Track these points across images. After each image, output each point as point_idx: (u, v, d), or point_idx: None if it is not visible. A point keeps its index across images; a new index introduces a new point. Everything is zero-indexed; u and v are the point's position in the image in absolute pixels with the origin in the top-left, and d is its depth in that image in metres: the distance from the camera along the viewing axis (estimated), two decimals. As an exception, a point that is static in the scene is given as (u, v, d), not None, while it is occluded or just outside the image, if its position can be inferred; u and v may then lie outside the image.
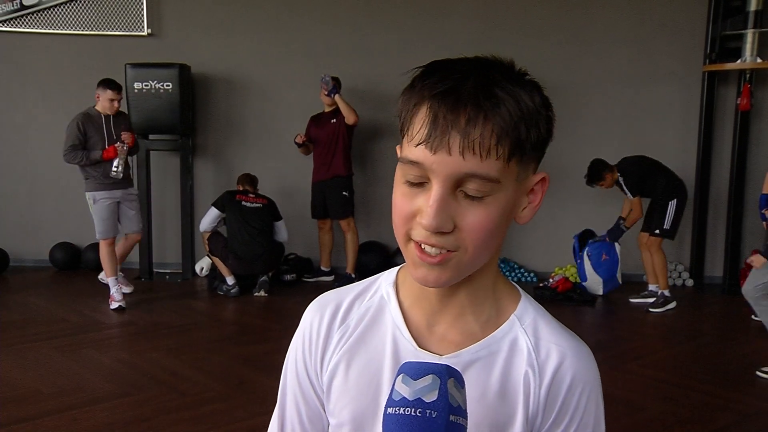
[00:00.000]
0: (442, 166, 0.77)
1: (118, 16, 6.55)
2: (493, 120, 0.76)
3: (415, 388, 0.72)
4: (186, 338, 4.75)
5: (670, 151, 6.40)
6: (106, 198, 5.37)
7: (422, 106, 0.79)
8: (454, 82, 0.77)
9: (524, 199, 0.85)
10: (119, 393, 3.65)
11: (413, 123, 0.80)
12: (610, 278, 5.88)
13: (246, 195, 5.91)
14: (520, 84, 0.79)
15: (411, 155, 0.79)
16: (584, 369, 0.89)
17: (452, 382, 0.73)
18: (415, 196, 0.80)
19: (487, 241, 0.81)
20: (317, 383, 0.96)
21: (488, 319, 0.91)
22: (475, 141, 0.76)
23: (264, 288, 5.81)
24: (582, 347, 0.91)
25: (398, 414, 0.71)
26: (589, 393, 0.89)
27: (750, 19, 5.92)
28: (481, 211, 0.79)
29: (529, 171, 0.83)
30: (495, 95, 0.77)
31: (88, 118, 5.34)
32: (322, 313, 0.97)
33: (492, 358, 0.89)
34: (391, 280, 0.96)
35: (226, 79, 6.60)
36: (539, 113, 0.80)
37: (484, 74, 0.78)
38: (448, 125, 0.76)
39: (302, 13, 6.49)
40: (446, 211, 0.78)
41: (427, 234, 0.79)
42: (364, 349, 0.92)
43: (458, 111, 0.76)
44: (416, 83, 0.81)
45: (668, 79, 6.30)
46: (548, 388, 0.87)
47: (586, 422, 0.89)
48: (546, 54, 6.20)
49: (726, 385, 3.92)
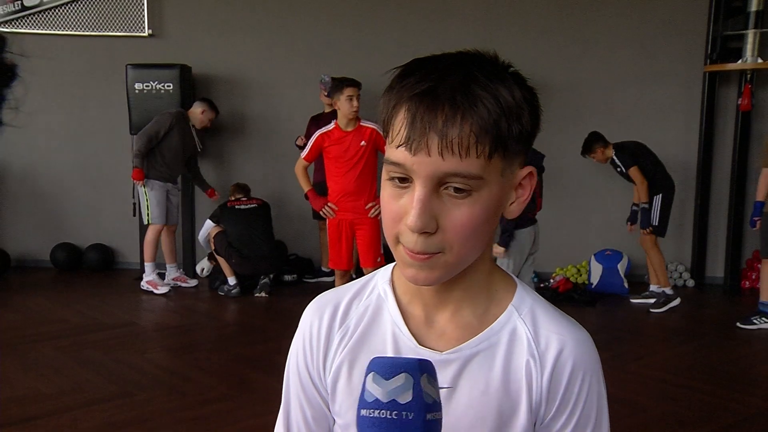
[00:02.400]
0: (422, 167, 0.77)
1: (119, 17, 6.55)
2: (471, 118, 0.76)
3: (388, 389, 0.69)
4: (187, 338, 4.75)
5: (672, 150, 6.40)
6: (161, 187, 5.81)
7: (401, 107, 0.79)
8: (432, 82, 0.77)
9: (512, 194, 0.85)
10: (120, 393, 3.64)
11: (393, 124, 0.80)
12: None
13: (239, 200, 5.94)
14: (501, 79, 0.79)
15: (392, 156, 0.80)
16: (585, 355, 0.89)
17: (425, 377, 0.71)
18: (401, 197, 0.81)
19: (472, 238, 0.82)
20: (320, 384, 0.97)
21: (486, 311, 0.91)
22: (454, 141, 0.76)
23: (264, 289, 5.82)
24: (581, 333, 0.91)
25: (373, 417, 0.69)
26: (591, 378, 0.89)
27: (751, 19, 5.92)
28: (465, 209, 0.79)
29: (514, 165, 0.83)
30: (472, 93, 0.77)
31: (179, 119, 5.80)
32: (321, 315, 0.97)
33: (492, 350, 0.89)
34: (387, 278, 0.96)
35: (227, 80, 6.60)
36: (521, 107, 0.79)
37: (462, 72, 0.78)
38: (425, 126, 0.76)
39: (303, 13, 6.49)
40: (430, 211, 0.79)
41: (413, 241, 0.80)
42: (366, 349, 0.93)
43: (435, 111, 0.76)
44: (395, 84, 0.81)
45: (669, 79, 6.29)
46: (550, 377, 0.88)
47: (590, 407, 0.89)
48: (547, 54, 6.20)
49: (727, 386, 3.91)
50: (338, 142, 4.51)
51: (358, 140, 4.49)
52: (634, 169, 5.35)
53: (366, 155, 4.50)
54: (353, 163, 4.49)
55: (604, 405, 0.91)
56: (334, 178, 4.58)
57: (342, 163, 4.51)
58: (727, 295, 6.14)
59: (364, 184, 4.55)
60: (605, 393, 0.91)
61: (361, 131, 4.51)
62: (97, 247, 6.68)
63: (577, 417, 0.88)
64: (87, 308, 5.36)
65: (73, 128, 6.61)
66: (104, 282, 6.25)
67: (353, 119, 4.50)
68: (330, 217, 4.60)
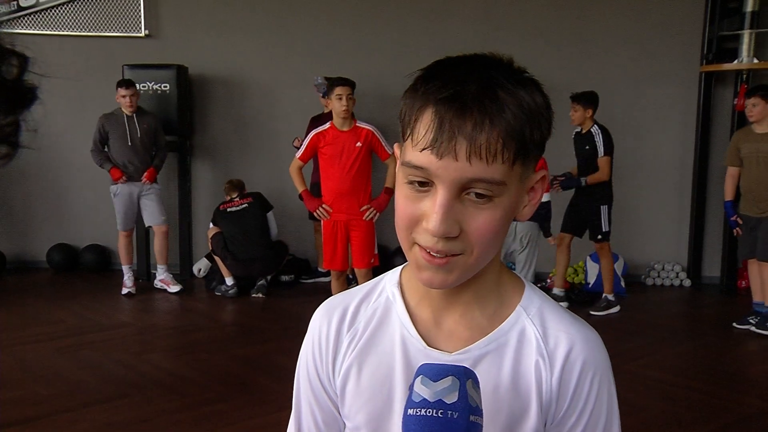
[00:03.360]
0: (448, 172, 0.77)
1: (115, 17, 6.54)
2: (499, 124, 0.76)
3: (436, 390, 0.73)
4: (184, 339, 4.74)
5: (668, 150, 6.43)
6: (124, 193, 5.72)
7: (426, 110, 0.79)
8: (458, 86, 0.77)
9: (525, 198, 0.86)
10: (118, 394, 3.64)
11: (417, 127, 0.79)
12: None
13: (230, 202, 5.94)
14: (521, 83, 0.80)
15: (415, 160, 0.79)
16: (594, 354, 0.89)
17: (470, 383, 0.74)
18: (420, 200, 0.80)
19: (492, 242, 0.82)
20: (330, 388, 0.97)
21: (494, 312, 0.91)
22: (482, 146, 0.76)
23: (261, 290, 5.81)
24: (590, 332, 0.91)
25: (419, 415, 0.72)
26: (601, 377, 0.89)
27: (747, 19, 5.95)
28: (487, 214, 0.79)
29: (530, 170, 0.84)
30: (499, 98, 0.77)
31: (109, 117, 5.69)
32: (330, 318, 0.97)
33: (501, 350, 0.89)
34: (395, 281, 0.96)
35: (224, 80, 6.59)
36: (541, 113, 0.80)
37: (486, 76, 0.78)
38: (454, 130, 0.76)
39: (301, 13, 6.49)
40: (452, 216, 0.78)
41: (434, 240, 0.80)
42: (374, 352, 0.93)
43: (464, 116, 0.76)
44: (419, 86, 0.81)
45: (666, 80, 6.31)
46: (560, 376, 0.88)
47: (600, 406, 0.89)
48: (545, 55, 6.20)
49: (724, 385, 3.93)
50: (333, 142, 4.51)
51: (354, 141, 4.49)
52: (607, 159, 5.19)
53: (361, 156, 4.50)
54: (349, 164, 4.49)
55: (615, 403, 0.91)
56: (329, 178, 4.58)
57: (337, 163, 4.51)
58: (724, 295, 6.16)
59: (359, 185, 4.54)
60: (615, 391, 0.91)
61: (356, 132, 4.51)
62: (94, 248, 6.66)
63: (588, 416, 0.88)
64: (84, 309, 5.34)
65: (69, 129, 6.59)
66: (101, 283, 6.23)
67: (347, 119, 4.50)
68: (324, 218, 4.61)
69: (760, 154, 4.89)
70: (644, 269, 6.44)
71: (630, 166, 6.19)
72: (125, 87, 5.62)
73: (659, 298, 6.07)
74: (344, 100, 4.42)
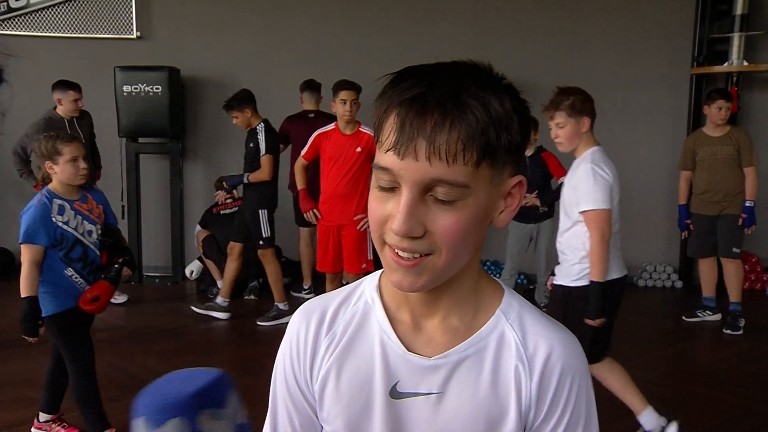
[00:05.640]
0: (410, 172, 0.78)
1: (107, 19, 6.52)
2: (459, 126, 0.77)
3: None
4: (176, 342, 4.73)
5: (659, 152, 6.45)
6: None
7: (391, 112, 0.80)
8: (423, 89, 0.78)
9: (501, 203, 0.86)
10: (109, 397, 3.60)
11: (383, 129, 0.81)
12: None
13: (224, 204, 5.93)
14: (492, 89, 0.80)
15: (381, 161, 0.81)
16: (573, 358, 0.90)
17: (207, 414, 0.60)
18: (387, 201, 0.82)
19: (460, 244, 0.82)
20: (307, 391, 0.97)
21: (474, 317, 0.91)
22: (441, 146, 0.76)
23: (254, 293, 5.80)
24: (568, 337, 0.92)
25: None
26: (579, 382, 0.90)
27: (736, 22, 5.98)
28: (451, 215, 0.80)
29: (504, 175, 0.84)
30: (463, 101, 0.77)
31: (50, 123, 5.11)
32: (308, 321, 0.97)
33: (480, 355, 0.89)
34: (374, 285, 0.96)
35: (216, 82, 6.58)
36: (510, 118, 0.80)
37: (454, 81, 0.79)
38: (414, 131, 0.77)
39: (292, 15, 6.49)
40: (415, 216, 0.79)
41: (399, 238, 0.80)
42: (353, 356, 0.93)
43: (425, 117, 0.77)
44: (387, 90, 0.82)
45: (657, 82, 6.34)
46: (539, 381, 0.88)
47: (578, 411, 0.90)
48: (536, 57, 6.23)
49: (715, 386, 3.94)
50: (334, 143, 4.53)
51: (354, 145, 4.50)
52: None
53: (360, 161, 4.50)
54: (346, 167, 4.50)
55: (593, 407, 0.92)
56: (326, 179, 4.60)
57: (334, 165, 4.52)
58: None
59: (354, 189, 4.54)
60: (593, 395, 0.92)
61: (358, 137, 4.52)
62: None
63: (567, 420, 0.89)
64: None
65: (60, 131, 6.57)
66: (92, 285, 6.20)
67: (351, 122, 4.51)
68: (312, 221, 4.64)
69: (717, 156, 5.01)
70: (636, 271, 6.46)
71: (620, 167, 6.16)
72: (78, 90, 5.28)
73: (651, 300, 6.08)
74: (348, 105, 4.42)
